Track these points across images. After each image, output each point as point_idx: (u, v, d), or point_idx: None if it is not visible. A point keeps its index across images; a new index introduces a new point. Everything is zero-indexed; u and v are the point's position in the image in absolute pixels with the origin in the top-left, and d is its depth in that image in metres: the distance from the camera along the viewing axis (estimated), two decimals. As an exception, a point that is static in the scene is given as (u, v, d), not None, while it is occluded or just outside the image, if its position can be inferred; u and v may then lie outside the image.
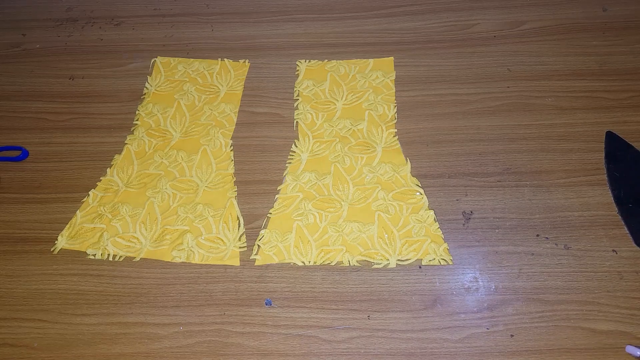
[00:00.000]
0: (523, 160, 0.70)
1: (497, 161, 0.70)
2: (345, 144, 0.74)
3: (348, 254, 0.64)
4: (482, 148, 0.72)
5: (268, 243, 0.65)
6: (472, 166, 0.70)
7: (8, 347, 0.60)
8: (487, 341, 0.56)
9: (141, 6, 0.95)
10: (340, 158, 0.72)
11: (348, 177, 0.70)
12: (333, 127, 0.75)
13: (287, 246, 0.65)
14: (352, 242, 0.64)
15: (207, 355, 0.58)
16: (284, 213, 0.68)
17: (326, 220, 0.67)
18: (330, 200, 0.68)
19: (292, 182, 0.70)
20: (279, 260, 0.64)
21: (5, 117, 0.82)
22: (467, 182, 0.69)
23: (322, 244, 0.65)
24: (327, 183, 0.70)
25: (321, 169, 0.71)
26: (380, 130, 0.75)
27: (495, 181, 0.69)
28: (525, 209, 0.66)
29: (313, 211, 0.67)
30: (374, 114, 0.76)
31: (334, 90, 0.80)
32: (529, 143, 0.72)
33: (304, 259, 0.64)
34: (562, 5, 0.86)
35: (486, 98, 0.77)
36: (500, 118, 0.75)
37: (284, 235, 0.66)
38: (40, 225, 0.69)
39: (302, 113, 0.77)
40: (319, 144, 0.74)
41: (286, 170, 0.72)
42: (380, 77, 0.80)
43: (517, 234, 0.64)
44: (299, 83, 0.81)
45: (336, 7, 0.91)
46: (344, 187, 0.69)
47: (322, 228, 0.66)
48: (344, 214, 0.67)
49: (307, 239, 0.65)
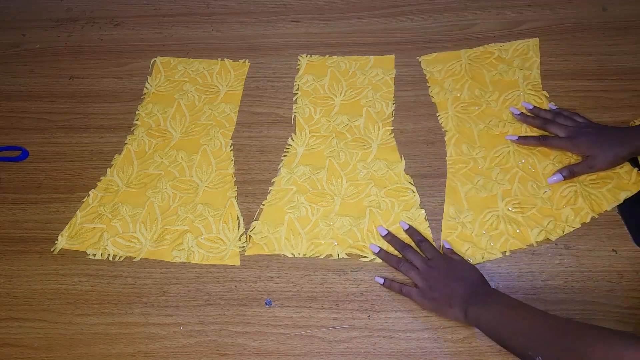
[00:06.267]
0: (523, 160, 0.70)
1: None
2: (341, 140, 0.74)
3: (338, 247, 0.64)
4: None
5: (259, 234, 0.66)
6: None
7: (8, 347, 0.60)
8: (487, 341, 0.56)
9: (141, 6, 0.95)
10: (335, 153, 0.72)
11: (342, 172, 0.70)
12: (330, 122, 0.76)
13: (278, 237, 0.65)
14: (342, 235, 0.65)
15: (207, 355, 0.58)
16: (277, 205, 0.68)
17: (318, 214, 0.67)
18: (323, 195, 0.69)
19: (286, 174, 0.71)
20: (269, 251, 0.65)
21: (5, 117, 0.82)
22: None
23: (312, 237, 0.65)
24: (321, 177, 0.70)
25: (316, 163, 0.72)
26: (376, 127, 0.75)
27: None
28: (525, 209, 0.66)
29: (305, 204, 0.68)
30: (371, 110, 0.76)
31: (333, 86, 0.80)
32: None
33: (293, 251, 0.64)
34: (562, 5, 0.86)
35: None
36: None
37: (276, 227, 0.66)
38: (40, 225, 0.69)
39: (301, 107, 0.78)
40: (315, 139, 0.74)
41: (281, 162, 0.72)
42: (380, 75, 0.80)
43: (517, 233, 0.64)
44: (299, 77, 0.81)
45: (336, 7, 0.91)
46: (338, 182, 0.70)
47: (314, 221, 0.66)
48: (335, 208, 0.67)
49: (298, 232, 0.66)
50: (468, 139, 0.72)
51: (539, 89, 0.76)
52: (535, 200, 0.65)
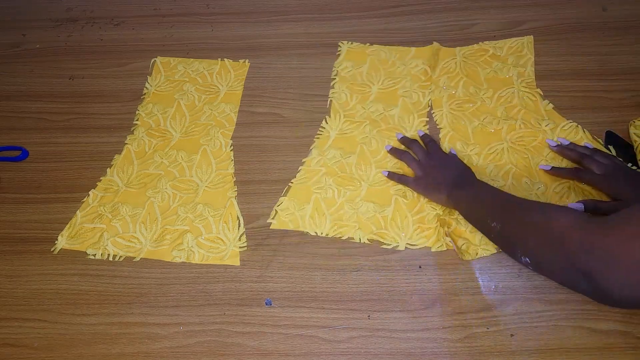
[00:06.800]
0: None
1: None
2: (375, 127, 0.74)
3: (360, 230, 0.65)
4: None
5: (285, 210, 0.67)
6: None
7: (8, 347, 0.60)
8: (487, 341, 0.56)
9: (141, 6, 0.95)
10: (367, 140, 0.73)
11: (372, 159, 0.71)
12: (365, 109, 0.76)
13: (303, 215, 0.67)
14: (366, 220, 0.66)
15: (207, 355, 0.58)
16: (305, 184, 0.69)
17: (344, 197, 0.68)
18: (351, 179, 0.69)
19: (317, 156, 0.72)
20: (293, 227, 0.66)
21: (5, 117, 0.82)
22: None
23: (337, 218, 0.66)
24: (350, 162, 0.71)
25: (347, 148, 0.72)
26: (412, 117, 0.75)
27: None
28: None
29: (333, 186, 0.69)
30: (408, 101, 0.77)
31: (372, 74, 0.80)
32: (529, 143, 0.72)
33: (317, 230, 0.65)
34: (562, 5, 0.86)
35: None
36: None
37: (302, 205, 0.67)
38: (40, 225, 0.69)
39: (337, 93, 0.78)
40: (349, 124, 0.75)
41: (314, 144, 0.73)
42: (420, 66, 0.80)
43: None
44: (339, 63, 0.82)
45: (336, 7, 0.91)
46: (367, 168, 0.70)
47: (339, 203, 0.67)
48: (362, 193, 0.68)
49: (323, 212, 0.67)
50: (462, 136, 0.72)
51: (532, 87, 0.76)
52: (529, 197, 0.65)
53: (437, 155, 0.68)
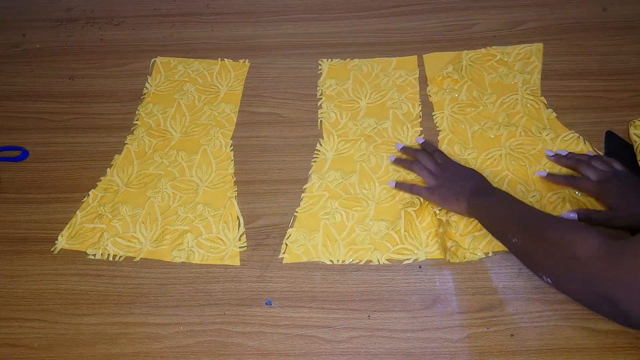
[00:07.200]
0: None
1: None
2: (371, 143, 0.73)
3: (377, 252, 0.63)
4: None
5: (296, 242, 0.65)
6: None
7: (8, 347, 0.60)
8: (487, 341, 0.56)
9: (141, 6, 0.95)
10: (365, 157, 0.72)
11: (374, 175, 0.70)
12: (357, 125, 0.75)
13: (314, 245, 0.65)
14: (380, 240, 0.64)
15: (207, 355, 0.58)
16: (311, 212, 0.68)
17: (353, 219, 0.66)
18: (357, 199, 0.68)
19: (317, 180, 0.70)
20: (307, 259, 0.64)
21: (5, 117, 0.82)
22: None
23: (350, 243, 0.65)
24: (353, 182, 0.70)
25: (347, 168, 0.71)
26: (405, 128, 0.74)
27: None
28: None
29: (340, 210, 0.67)
30: (398, 112, 0.76)
31: (357, 89, 0.80)
32: (529, 143, 0.72)
33: (332, 258, 0.64)
34: (562, 5, 0.86)
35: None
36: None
37: (311, 234, 0.65)
38: (40, 225, 0.69)
39: (326, 112, 0.77)
40: (344, 143, 0.74)
41: (312, 168, 0.72)
42: (403, 76, 0.80)
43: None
44: (322, 82, 0.81)
45: (336, 7, 0.91)
46: (370, 186, 0.69)
47: (350, 227, 0.66)
48: (370, 213, 0.67)
49: (334, 238, 0.65)
50: (461, 139, 0.72)
51: (537, 94, 0.75)
52: None
53: (451, 165, 0.67)
